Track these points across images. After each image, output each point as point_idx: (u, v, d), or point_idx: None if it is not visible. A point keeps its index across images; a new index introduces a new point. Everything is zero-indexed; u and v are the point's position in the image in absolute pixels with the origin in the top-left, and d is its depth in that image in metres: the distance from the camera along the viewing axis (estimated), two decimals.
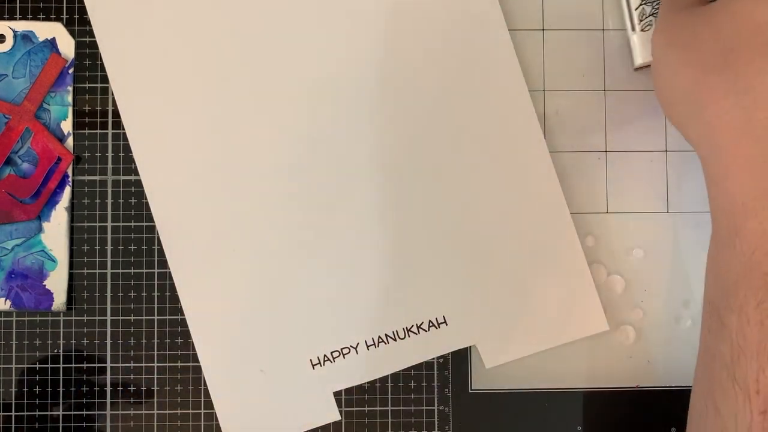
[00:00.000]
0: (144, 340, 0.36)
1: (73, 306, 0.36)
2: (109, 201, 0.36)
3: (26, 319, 0.35)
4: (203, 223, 0.35)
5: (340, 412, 0.35)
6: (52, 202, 0.35)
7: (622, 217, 0.36)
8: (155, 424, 0.35)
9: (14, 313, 0.35)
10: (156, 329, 0.36)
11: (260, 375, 0.35)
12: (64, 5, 0.36)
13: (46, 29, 0.36)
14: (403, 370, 0.36)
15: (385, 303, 0.35)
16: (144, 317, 0.36)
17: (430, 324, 0.35)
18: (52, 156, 0.35)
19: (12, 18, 0.36)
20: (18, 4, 0.36)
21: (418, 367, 0.36)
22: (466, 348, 0.36)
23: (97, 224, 0.36)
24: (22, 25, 0.36)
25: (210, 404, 0.35)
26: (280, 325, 0.35)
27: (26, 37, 0.36)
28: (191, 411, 0.35)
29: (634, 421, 0.36)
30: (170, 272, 0.35)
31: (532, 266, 0.35)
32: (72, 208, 0.36)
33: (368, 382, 0.36)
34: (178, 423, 0.35)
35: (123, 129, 0.36)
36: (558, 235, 0.35)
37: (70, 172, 0.36)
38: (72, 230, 0.36)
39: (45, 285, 0.35)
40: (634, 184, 0.36)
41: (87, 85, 0.36)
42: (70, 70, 0.36)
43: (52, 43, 0.36)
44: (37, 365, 0.35)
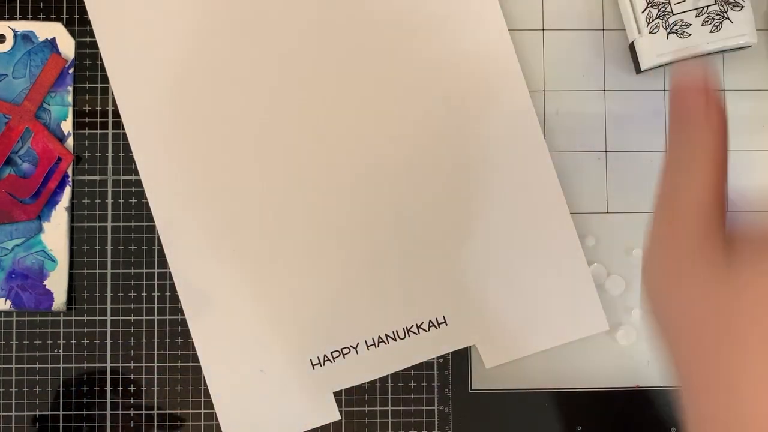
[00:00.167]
0: (144, 340, 0.36)
1: (73, 306, 0.36)
2: (109, 201, 0.36)
3: (26, 319, 0.35)
4: (203, 223, 0.35)
5: (340, 412, 0.35)
6: (52, 202, 0.35)
7: (622, 217, 0.36)
8: (155, 424, 0.35)
9: (14, 313, 0.35)
10: (156, 329, 0.36)
11: (260, 375, 0.35)
12: (64, 5, 0.36)
13: (46, 29, 0.36)
14: (403, 370, 0.36)
15: (385, 303, 0.35)
16: (144, 317, 0.36)
17: (430, 324, 0.35)
18: (52, 156, 0.35)
19: (12, 18, 0.36)
20: (18, 4, 0.36)
21: (418, 367, 0.36)
22: (466, 348, 0.36)
23: (97, 224, 0.36)
24: (22, 25, 0.36)
25: (210, 404, 0.35)
26: (280, 325, 0.35)
27: (26, 37, 0.36)
28: (191, 411, 0.35)
29: (634, 421, 0.36)
30: (170, 272, 0.35)
31: (532, 266, 0.35)
32: (72, 208, 0.36)
33: (368, 382, 0.36)
34: (178, 423, 0.35)
35: (123, 129, 0.36)
36: (558, 235, 0.35)
37: (70, 172, 0.36)
38: (72, 230, 0.36)
39: (45, 285, 0.35)
40: (634, 184, 0.36)
41: (87, 85, 0.36)
42: (70, 70, 0.36)
43: (52, 43, 0.36)
44: (37, 365, 0.35)
